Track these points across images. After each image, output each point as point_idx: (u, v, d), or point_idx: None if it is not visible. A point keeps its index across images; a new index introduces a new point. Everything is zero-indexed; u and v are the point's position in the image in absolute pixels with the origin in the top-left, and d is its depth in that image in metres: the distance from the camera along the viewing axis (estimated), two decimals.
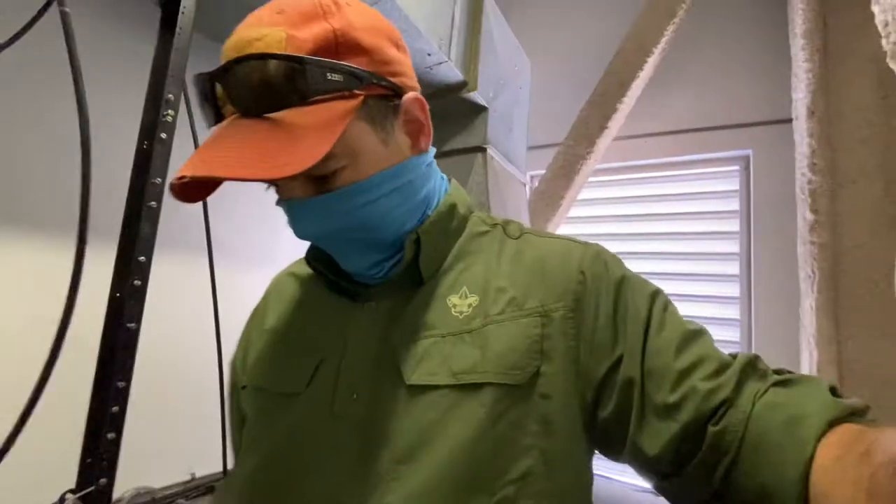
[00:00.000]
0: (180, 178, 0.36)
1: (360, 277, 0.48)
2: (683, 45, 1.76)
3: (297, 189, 0.40)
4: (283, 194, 0.42)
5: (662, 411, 0.40)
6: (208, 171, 0.34)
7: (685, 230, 1.81)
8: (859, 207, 1.30)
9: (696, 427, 0.39)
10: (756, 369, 0.40)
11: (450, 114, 1.26)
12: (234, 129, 0.36)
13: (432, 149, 0.50)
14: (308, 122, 0.36)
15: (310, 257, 0.51)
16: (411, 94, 0.43)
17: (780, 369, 0.41)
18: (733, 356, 0.42)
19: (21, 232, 0.92)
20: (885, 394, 1.19)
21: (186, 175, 0.34)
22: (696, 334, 0.43)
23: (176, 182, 0.37)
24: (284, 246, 1.37)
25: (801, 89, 1.42)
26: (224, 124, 0.37)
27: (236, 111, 0.37)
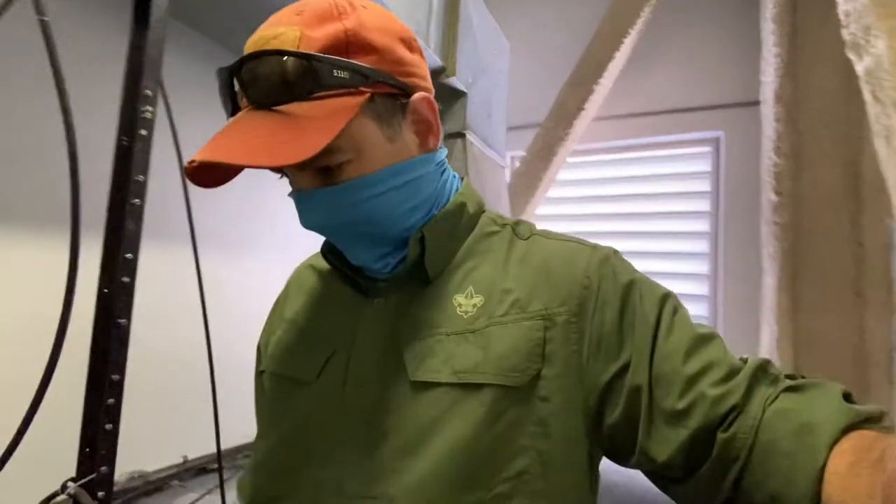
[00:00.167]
0: (191, 162, 0.39)
1: (369, 272, 0.49)
2: (658, 28, 1.78)
3: (306, 181, 0.42)
4: (293, 185, 0.44)
5: (671, 418, 0.39)
6: (214, 156, 0.36)
7: (658, 210, 1.87)
8: (819, 189, 1.37)
9: (706, 433, 0.38)
10: (767, 374, 0.39)
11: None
12: (245, 119, 0.39)
13: (444, 149, 0.51)
14: (313, 116, 0.38)
15: (325, 250, 0.52)
16: (420, 94, 0.44)
17: (792, 374, 0.40)
18: (744, 360, 0.41)
19: (19, 229, 0.92)
20: (837, 365, 1.29)
21: (196, 160, 0.37)
22: (706, 339, 0.42)
23: (189, 167, 0.40)
24: (270, 235, 1.38)
25: (769, 73, 1.46)
26: (238, 115, 0.40)
27: (250, 103, 0.40)
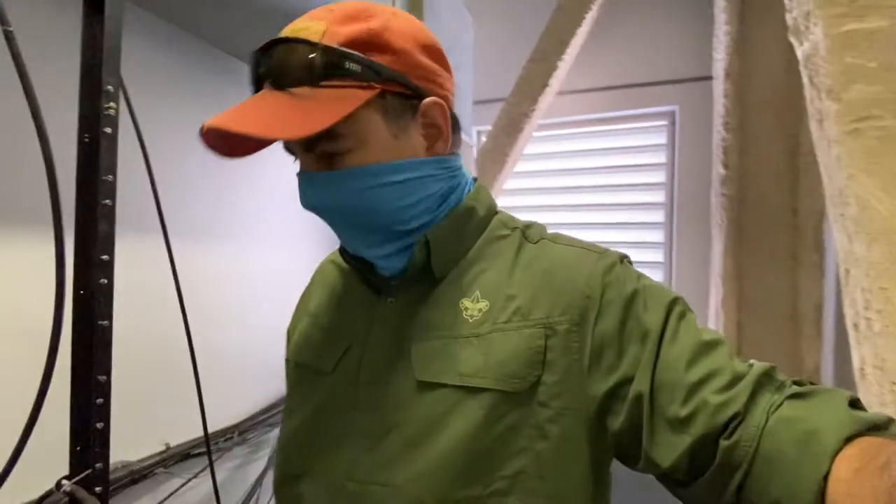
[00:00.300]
0: (202, 128, 0.42)
1: (382, 270, 0.51)
2: (616, 4, 1.81)
3: (311, 164, 0.46)
4: (301, 166, 0.47)
5: (674, 424, 0.40)
6: (223, 124, 0.39)
7: (617, 182, 1.96)
8: (762, 162, 1.47)
9: (708, 440, 0.38)
10: (772, 381, 0.39)
11: None
12: (260, 97, 0.43)
13: (460, 154, 0.53)
14: (322, 100, 0.41)
15: (342, 251, 0.54)
16: (432, 99, 0.46)
17: (799, 380, 0.40)
18: (750, 365, 0.41)
19: (17, 228, 0.88)
20: (774, 321, 1.44)
21: (206, 126, 0.40)
22: (711, 345, 0.42)
23: (203, 133, 0.43)
24: (244, 221, 1.36)
25: (720, 51, 1.53)
26: (259, 93, 0.43)
27: (269, 84, 0.43)
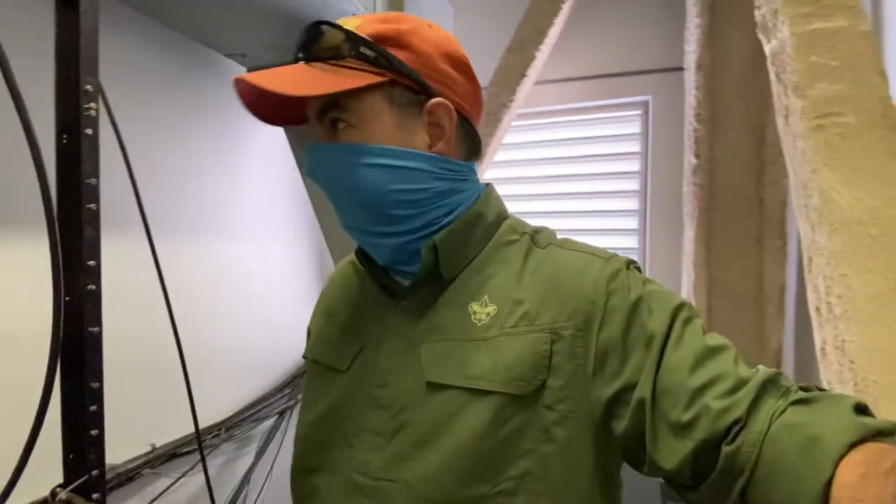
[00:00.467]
0: (236, 79, 0.47)
1: (395, 273, 0.54)
2: None
3: (320, 136, 0.50)
4: (313, 139, 0.52)
5: (677, 429, 0.40)
6: (247, 77, 0.45)
7: (593, 171, 2.00)
8: (731, 153, 1.54)
9: (711, 445, 0.39)
10: (777, 386, 0.39)
11: None
12: (290, 66, 0.48)
13: (473, 164, 0.55)
14: (337, 73, 0.46)
15: (358, 252, 0.57)
16: (440, 99, 0.48)
17: (807, 386, 0.40)
18: (757, 371, 0.41)
19: (18, 231, 0.85)
20: (740, 304, 1.52)
21: (237, 77, 0.46)
22: (715, 351, 0.42)
23: (237, 85, 0.48)
24: (227, 218, 1.33)
25: (692, 43, 1.57)
26: (290, 65, 0.50)
27: (302, 58, 0.49)
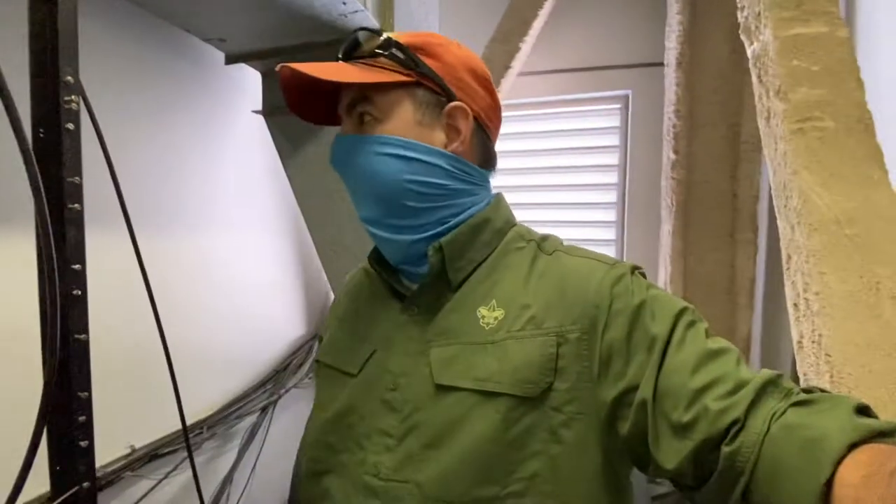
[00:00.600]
0: (281, 66, 0.50)
1: (405, 275, 0.56)
2: None
3: (348, 128, 0.54)
4: (341, 130, 0.56)
5: (677, 430, 0.41)
6: (291, 63, 0.49)
7: (572, 164, 2.03)
8: (707, 148, 1.59)
9: (711, 446, 0.39)
10: (778, 388, 0.40)
11: None
12: (334, 62, 0.53)
13: (486, 172, 0.59)
14: (369, 70, 0.51)
15: (371, 259, 0.60)
16: (458, 103, 0.53)
17: (809, 388, 0.40)
18: (758, 373, 0.41)
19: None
20: (713, 294, 1.59)
21: (280, 65, 0.50)
22: (717, 353, 0.43)
23: (282, 74, 0.51)
24: (206, 211, 1.28)
25: (672, 39, 1.60)
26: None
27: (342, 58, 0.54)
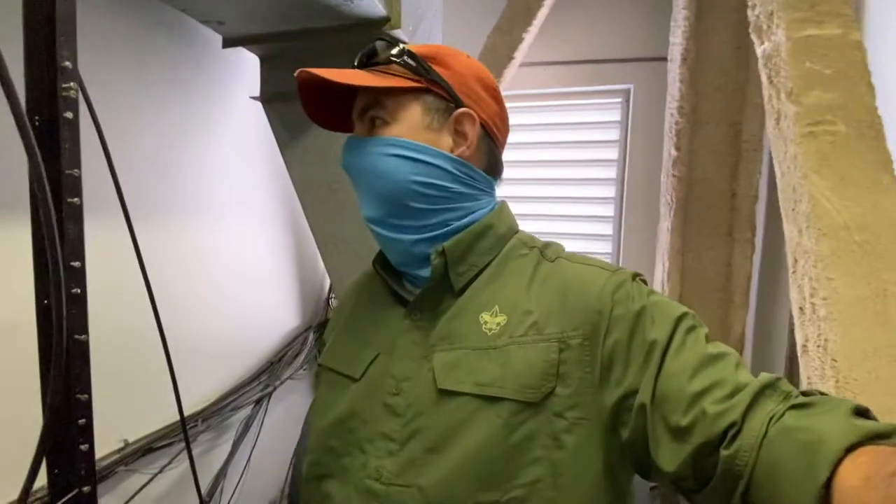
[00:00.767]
0: (299, 71, 0.53)
1: (408, 278, 0.58)
2: None
3: (361, 129, 0.56)
4: (354, 132, 0.58)
5: (676, 433, 0.42)
6: (316, 71, 0.51)
7: (570, 157, 2.01)
8: (709, 146, 1.58)
9: (709, 449, 0.40)
10: (776, 390, 0.40)
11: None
12: (350, 69, 0.55)
13: (492, 180, 0.59)
14: (381, 76, 0.53)
15: (375, 263, 0.61)
16: (466, 109, 0.54)
17: (808, 391, 0.40)
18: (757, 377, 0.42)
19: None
20: (709, 292, 1.60)
21: (299, 69, 0.52)
22: (716, 358, 0.43)
23: (299, 80, 0.54)
24: (200, 202, 1.24)
25: (677, 35, 1.59)
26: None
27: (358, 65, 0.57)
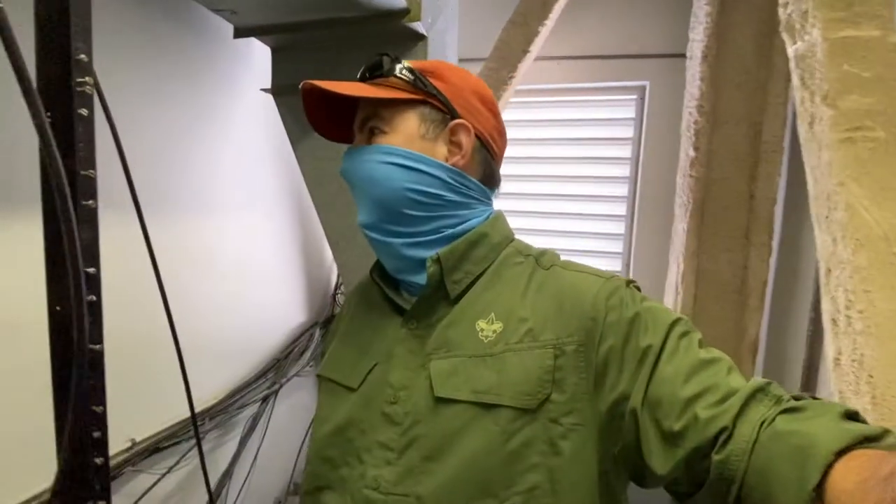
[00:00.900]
0: (303, 84, 0.55)
1: (404, 287, 0.58)
2: None
3: (360, 140, 0.58)
4: (354, 143, 0.59)
5: (669, 438, 0.42)
6: (318, 83, 0.53)
7: (583, 154, 1.98)
8: (728, 146, 1.55)
9: (701, 454, 0.40)
10: (767, 395, 0.40)
11: (384, 40, 1.14)
12: (352, 82, 0.57)
13: (488, 190, 0.59)
14: (381, 88, 0.55)
15: (372, 272, 0.62)
16: (461, 120, 0.55)
17: (799, 395, 0.41)
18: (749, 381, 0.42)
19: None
20: (724, 295, 1.58)
21: (304, 82, 0.54)
22: (709, 363, 0.44)
23: (303, 92, 0.56)
24: (206, 188, 1.21)
25: (699, 31, 1.55)
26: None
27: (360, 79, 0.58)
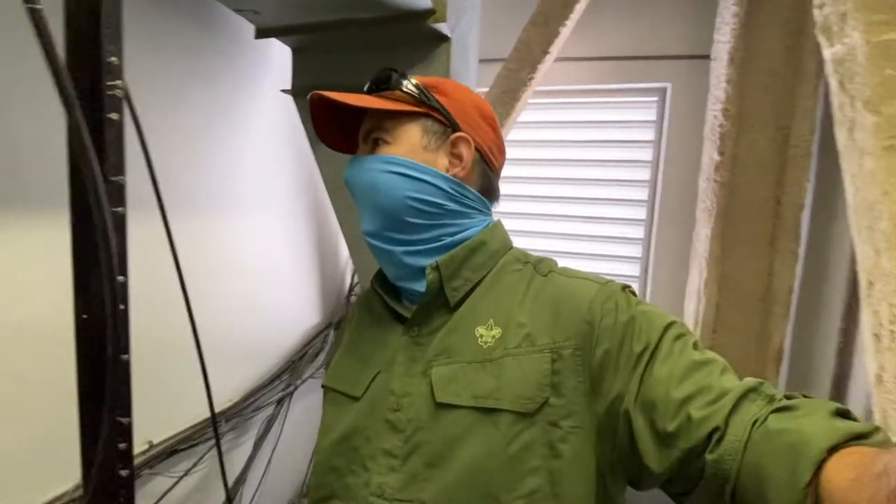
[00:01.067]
0: (312, 94, 0.57)
1: (405, 295, 0.60)
2: None
3: (364, 150, 0.60)
4: (358, 153, 0.61)
5: (663, 439, 0.43)
6: (326, 93, 0.56)
7: (602, 157, 1.94)
8: (754, 151, 1.52)
9: (695, 454, 0.41)
10: (759, 395, 0.41)
11: (406, 41, 1.12)
12: (358, 94, 0.59)
13: (487, 201, 0.62)
14: (388, 101, 0.58)
15: (373, 282, 0.63)
16: (462, 133, 0.58)
17: (790, 394, 0.41)
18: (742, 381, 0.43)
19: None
20: (748, 302, 1.55)
21: (313, 92, 0.56)
22: (702, 364, 0.45)
23: (312, 101, 0.58)
24: (225, 190, 1.20)
25: (725, 33, 1.51)
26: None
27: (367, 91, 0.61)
